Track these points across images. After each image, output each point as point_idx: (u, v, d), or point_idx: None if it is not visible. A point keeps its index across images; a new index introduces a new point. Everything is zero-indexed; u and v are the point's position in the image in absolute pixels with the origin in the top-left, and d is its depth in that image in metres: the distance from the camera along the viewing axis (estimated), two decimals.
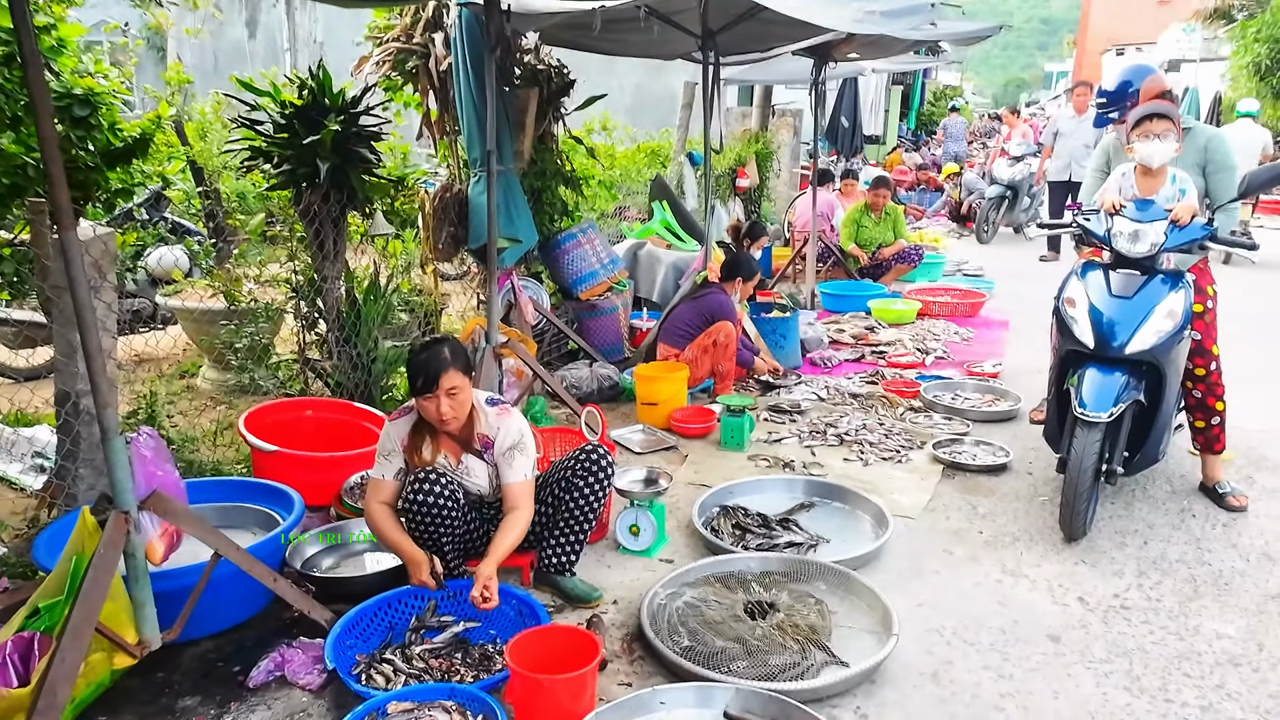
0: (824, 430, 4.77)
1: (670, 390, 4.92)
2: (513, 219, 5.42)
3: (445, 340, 2.86)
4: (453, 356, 2.81)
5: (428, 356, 2.79)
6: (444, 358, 2.78)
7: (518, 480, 2.94)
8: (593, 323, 6.28)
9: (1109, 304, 3.57)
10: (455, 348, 2.85)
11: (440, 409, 2.79)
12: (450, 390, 2.79)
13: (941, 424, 4.92)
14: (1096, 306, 3.58)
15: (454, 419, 2.84)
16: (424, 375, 2.78)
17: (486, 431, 2.96)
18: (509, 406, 3.01)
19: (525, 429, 2.98)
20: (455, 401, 2.81)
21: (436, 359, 2.78)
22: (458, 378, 2.80)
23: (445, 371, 2.77)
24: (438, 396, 2.78)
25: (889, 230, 8.56)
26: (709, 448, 4.66)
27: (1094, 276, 3.69)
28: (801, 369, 6.14)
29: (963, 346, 6.66)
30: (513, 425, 2.95)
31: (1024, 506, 3.93)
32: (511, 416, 2.97)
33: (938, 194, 14.68)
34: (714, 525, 3.65)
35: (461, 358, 2.85)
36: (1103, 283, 3.64)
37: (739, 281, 5.38)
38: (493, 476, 3.01)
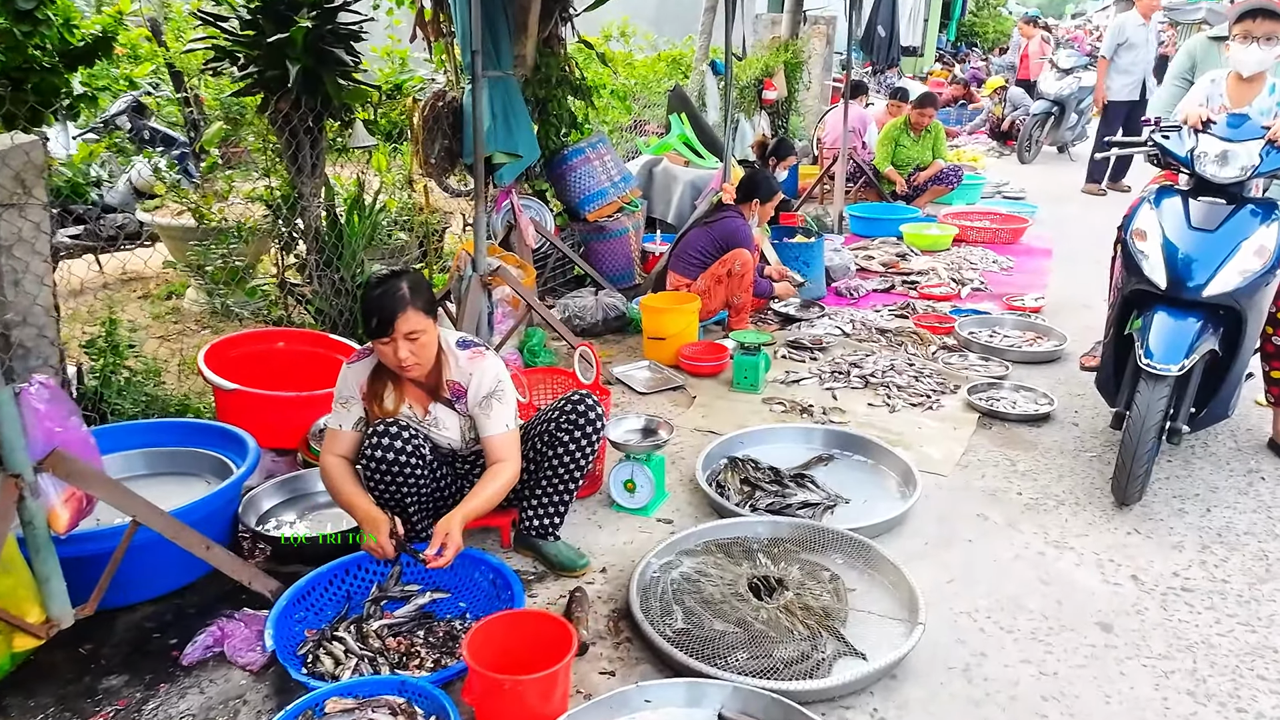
0: (847, 371, 4.34)
1: (679, 324, 4.49)
2: (512, 131, 4.94)
3: (404, 274, 2.45)
4: (412, 294, 2.40)
5: (382, 293, 2.39)
6: (401, 295, 2.38)
7: (499, 432, 2.55)
8: (601, 246, 5.82)
9: (1187, 238, 3.07)
10: (416, 283, 2.44)
11: (399, 354, 2.40)
12: (410, 334, 2.39)
13: (978, 365, 4.47)
14: (1172, 240, 3.09)
15: (416, 365, 2.45)
16: (378, 316, 2.37)
17: (457, 378, 2.56)
18: (484, 348, 2.60)
19: (503, 373, 2.58)
20: (416, 346, 2.41)
21: (392, 297, 2.37)
22: (418, 319, 2.39)
23: (402, 312, 2.37)
24: (394, 341, 2.39)
25: (928, 150, 7.93)
26: (720, 388, 4.25)
27: (1170, 205, 3.18)
28: (826, 299, 5.67)
29: (1002, 277, 6.14)
30: (488, 370, 2.55)
31: (1069, 463, 3.51)
32: (486, 360, 2.57)
33: (976, 112, 13.84)
34: (720, 481, 3.27)
35: (423, 295, 2.44)
36: (1181, 212, 3.13)
37: (756, 204, 4.88)
38: (465, 429, 2.63)
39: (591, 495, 3.24)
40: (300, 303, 4.52)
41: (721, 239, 4.75)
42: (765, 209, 4.93)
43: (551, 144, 5.83)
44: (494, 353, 2.62)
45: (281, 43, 3.89)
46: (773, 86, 9.52)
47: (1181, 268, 3.02)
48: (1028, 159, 11.29)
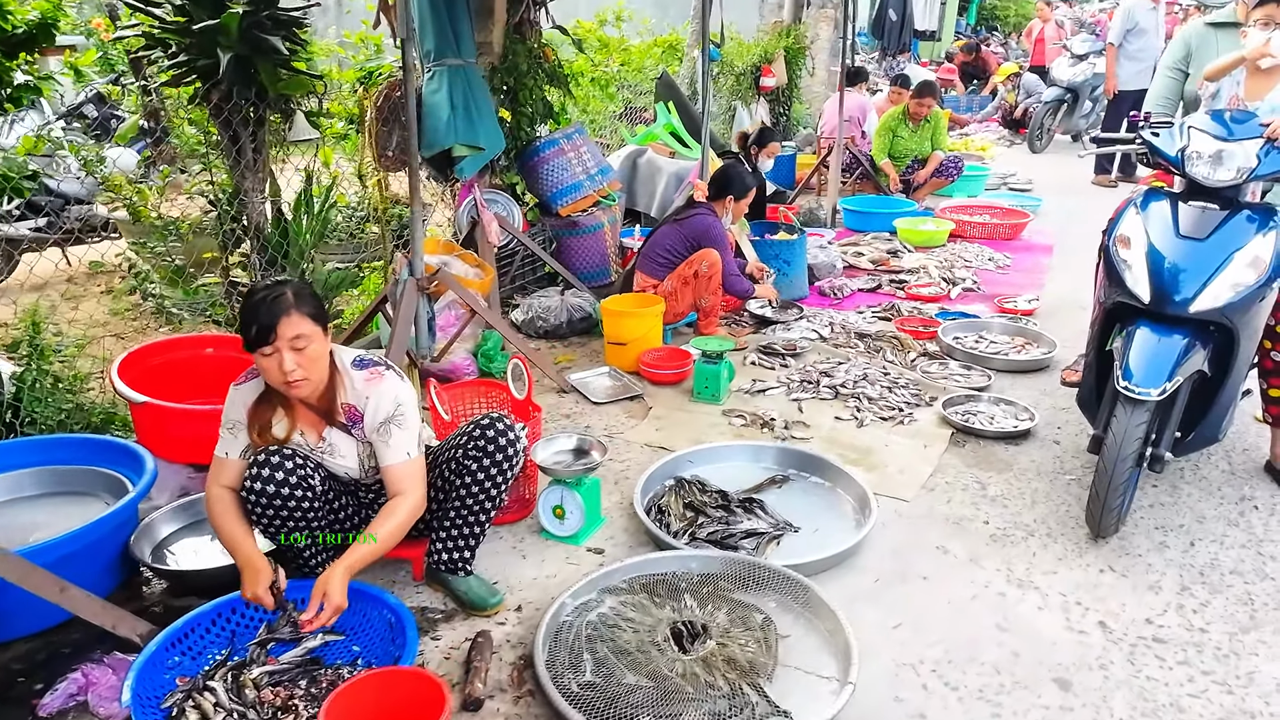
0: (817, 380, 4.07)
1: (641, 328, 4.24)
2: (474, 122, 4.69)
3: (288, 282, 2.23)
4: (297, 299, 2.18)
5: (262, 298, 2.16)
6: (283, 299, 2.16)
7: (398, 461, 2.32)
8: (573, 242, 5.56)
9: (1174, 246, 2.78)
10: (301, 290, 2.22)
11: (283, 365, 2.17)
12: (294, 341, 2.15)
13: (959, 374, 4.20)
14: (1158, 249, 2.80)
15: (302, 379, 2.21)
16: (257, 323, 2.14)
17: (353, 401, 2.33)
18: (383, 368, 2.36)
19: (404, 395, 2.34)
20: (303, 357, 2.18)
21: (274, 301, 2.15)
22: (303, 323, 2.17)
23: (285, 315, 2.14)
24: (278, 350, 2.15)
25: (927, 141, 7.61)
26: (681, 398, 4.00)
27: (1157, 209, 2.89)
28: (807, 300, 5.40)
29: (997, 276, 5.84)
30: (386, 393, 2.32)
31: (1045, 487, 3.24)
32: (385, 381, 2.33)
33: (988, 99, 13.43)
34: (662, 505, 3.03)
35: (309, 302, 2.21)
36: (1168, 218, 2.85)
37: (729, 200, 4.60)
38: (365, 456, 2.40)
39: (522, 520, 3.01)
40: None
41: (691, 238, 4.48)
42: (740, 206, 4.66)
43: (524, 135, 5.59)
44: (396, 372, 2.38)
45: (213, 29, 3.67)
46: (771, 73, 9.21)
47: (1167, 280, 2.74)
48: (1039, 148, 10.91)
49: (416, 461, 2.35)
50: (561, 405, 3.95)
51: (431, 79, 4.66)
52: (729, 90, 9.05)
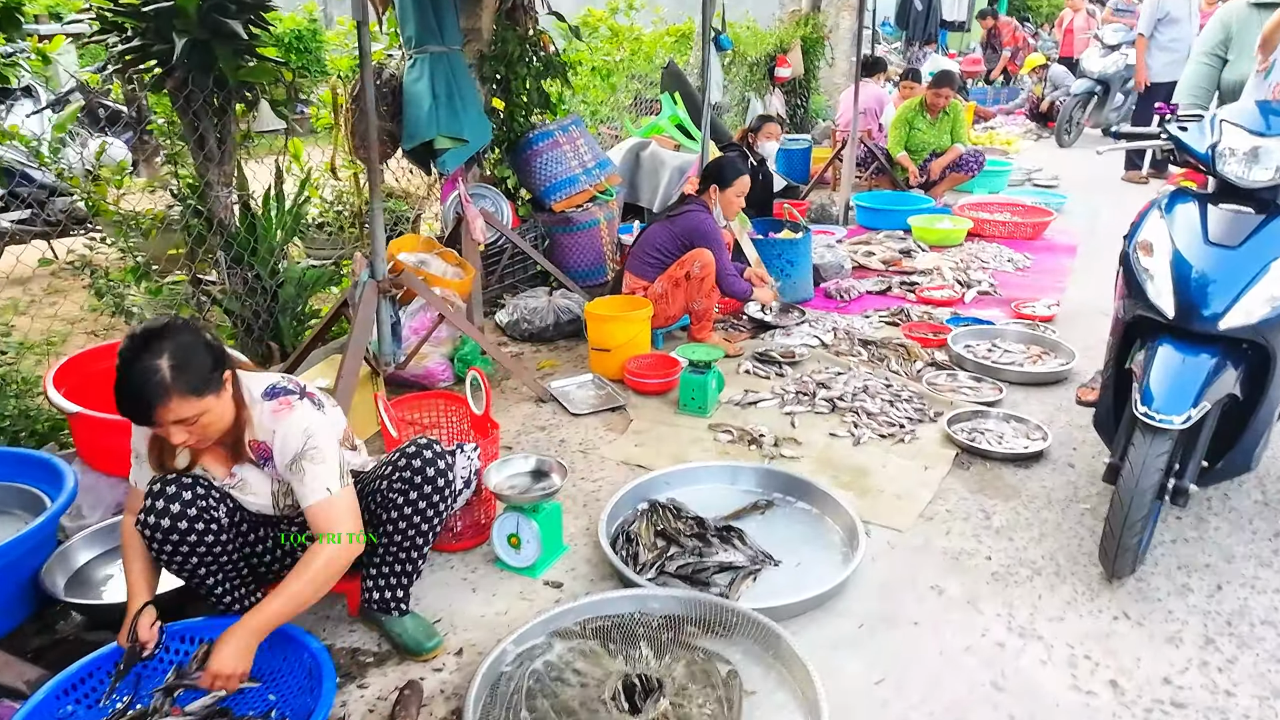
0: (813, 392, 3.79)
1: (626, 333, 3.97)
2: (457, 113, 4.45)
3: (167, 336, 1.87)
4: (175, 374, 1.84)
5: (131, 376, 1.83)
6: (158, 381, 1.82)
7: (317, 499, 2.04)
8: (567, 239, 5.31)
9: (1204, 255, 2.47)
10: (182, 360, 1.86)
11: (172, 439, 1.93)
12: (176, 425, 1.89)
13: (968, 387, 3.89)
14: (1185, 257, 2.49)
15: (201, 441, 1.98)
16: (130, 406, 1.86)
17: (261, 437, 2.07)
18: (294, 398, 2.08)
19: (315, 428, 2.05)
20: (196, 428, 1.92)
21: (146, 383, 1.82)
22: (185, 405, 1.86)
23: (162, 404, 1.84)
24: (163, 427, 1.90)
25: (945, 134, 7.26)
26: (666, 409, 3.73)
27: (1184, 213, 2.58)
28: (811, 302, 5.11)
29: (1015, 278, 5.51)
30: (293, 427, 2.04)
31: (1056, 518, 2.94)
32: (294, 414, 2.05)
33: (1016, 90, 13.00)
34: (631, 531, 2.77)
35: (194, 370, 1.87)
36: (1197, 222, 2.54)
37: (714, 190, 4.31)
38: (279, 493, 2.15)
39: (477, 547, 2.76)
40: (213, 303, 4.10)
41: (683, 236, 4.21)
42: (728, 196, 4.35)
43: (517, 127, 5.34)
44: (309, 402, 2.09)
45: (168, 12, 3.44)
46: (787, 63, 8.90)
47: (1194, 292, 2.43)
48: (1067, 142, 10.50)
49: (340, 498, 2.07)
50: (538, 415, 3.70)
51: (413, 67, 4.42)
52: (742, 81, 8.74)
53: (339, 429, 2.20)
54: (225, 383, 1.98)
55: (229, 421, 2.01)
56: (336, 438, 2.10)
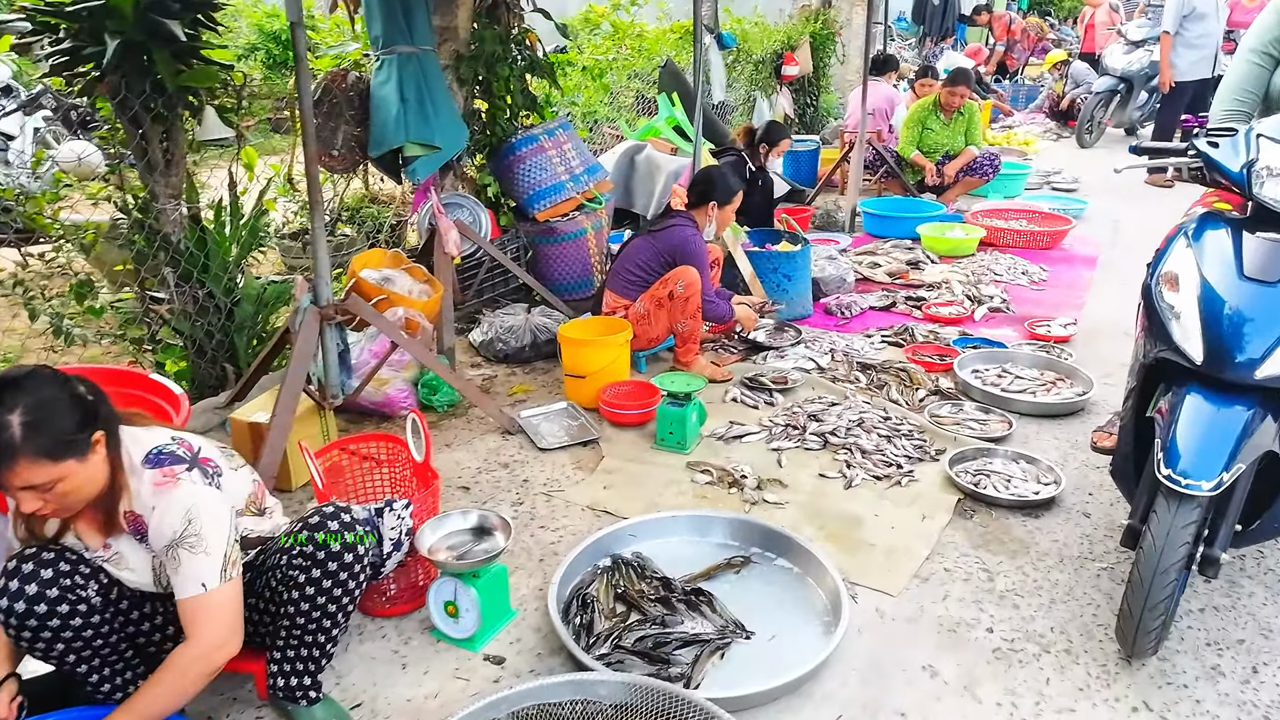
0: (803, 426, 3.47)
1: (603, 359, 3.67)
2: (428, 117, 4.18)
3: (22, 388, 1.62)
4: (26, 434, 1.59)
5: None
6: (5, 441, 1.57)
7: (190, 594, 1.75)
8: (551, 250, 5.02)
9: (1237, 291, 2.14)
10: (40, 409, 1.61)
11: (22, 507, 1.65)
12: (27, 491, 1.63)
13: (974, 419, 3.57)
14: (1216, 292, 2.16)
15: (61, 511, 1.71)
16: None
17: (138, 509, 1.78)
18: (179, 470, 1.77)
19: (200, 508, 1.75)
20: (53, 495, 1.65)
21: None
22: (37, 470, 1.60)
23: (8, 468, 1.58)
24: (13, 493, 1.63)
25: (959, 135, 6.90)
26: (643, 443, 3.43)
27: (1215, 241, 2.25)
28: (810, 319, 4.79)
29: (1030, 293, 5.16)
30: (174, 506, 1.74)
31: (1069, 579, 2.62)
32: (178, 490, 1.75)
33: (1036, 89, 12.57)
34: (587, 595, 2.47)
35: (51, 430, 1.62)
36: (1230, 253, 2.20)
37: (712, 208, 4.01)
38: (160, 570, 1.87)
39: (414, 612, 2.47)
40: (163, 323, 3.84)
41: (667, 252, 3.90)
42: (725, 213, 4.06)
43: (499, 131, 5.05)
44: (200, 473, 1.78)
45: (100, 12, 3.17)
46: (794, 61, 8.55)
47: (1227, 335, 2.10)
48: (1088, 143, 10.09)
49: (214, 596, 1.75)
50: (504, 450, 3.41)
51: (380, 69, 4.15)
52: (747, 79, 8.41)
53: (239, 498, 1.92)
54: (94, 445, 1.70)
55: (97, 489, 1.73)
56: (229, 517, 1.81)
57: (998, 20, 12.16)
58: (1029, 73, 13.51)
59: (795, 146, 8.16)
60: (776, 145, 5.53)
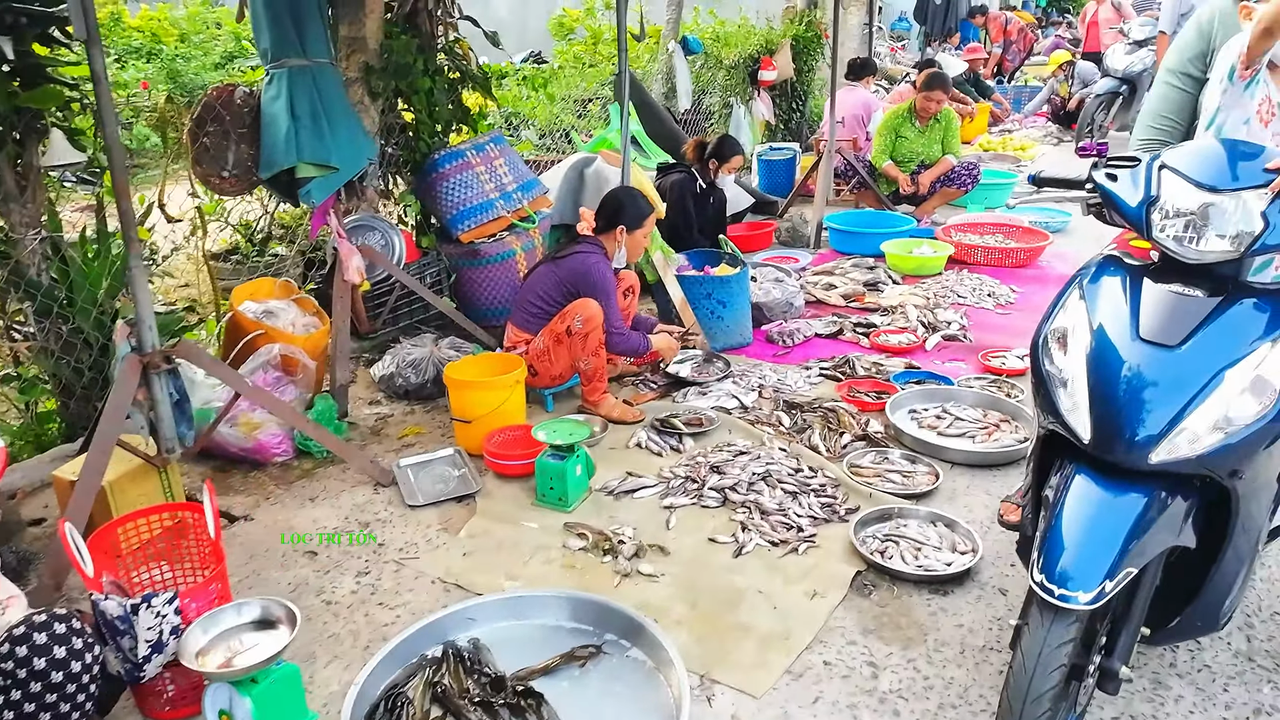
0: (703, 479, 3.13)
1: (491, 401, 3.36)
2: (322, 136, 3.87)
3: None
4: None
5: None
6: None
7: None
8: (475, 274, 4.71)
9: (1133, 355, 1.79)
10: None
11: None
12: None
13: (898, 469, 3.21)
14: (1107, 357, 1.81)
15: None
16: None
17: None
18: None
19: None
20: None
21: None
22: None
23: None
24: None
25: (936, 143, 6.51)
26: (525, 498, 3.11)
27: (1111, 293, 1.90)
28: (750, 348, 4.44)
29: (994, 318, 4.77)
30: None
31: (965, 676, 2.26)
32: None
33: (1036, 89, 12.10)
34: (399, 697, 2.15)
35: None
36: (1126, 309, 1.85)
37: (620, 233, 3.67)
38: None
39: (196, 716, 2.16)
40: (16, 362, 3.58)
41: (568, 282, 3.58)
42: (635, 239, 3.72)
43: (422, 146, 4.76)
44: None
45: None
46: (771, 65, 8.18)
47: (1119, 409, 1.75)
48: None
49: None
50: (370, 505, 3.10)
51: (270, 84, 3.85)
52: (721, 86, 8.06)
53: None
54: None
55: None
56: None
57: (993, 21, 11.67)
58: (1033, 73, 13.02)
59: (770, 155, 7.82)
60: (728, 161, 5.18)
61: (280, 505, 3.12)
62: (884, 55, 11.69)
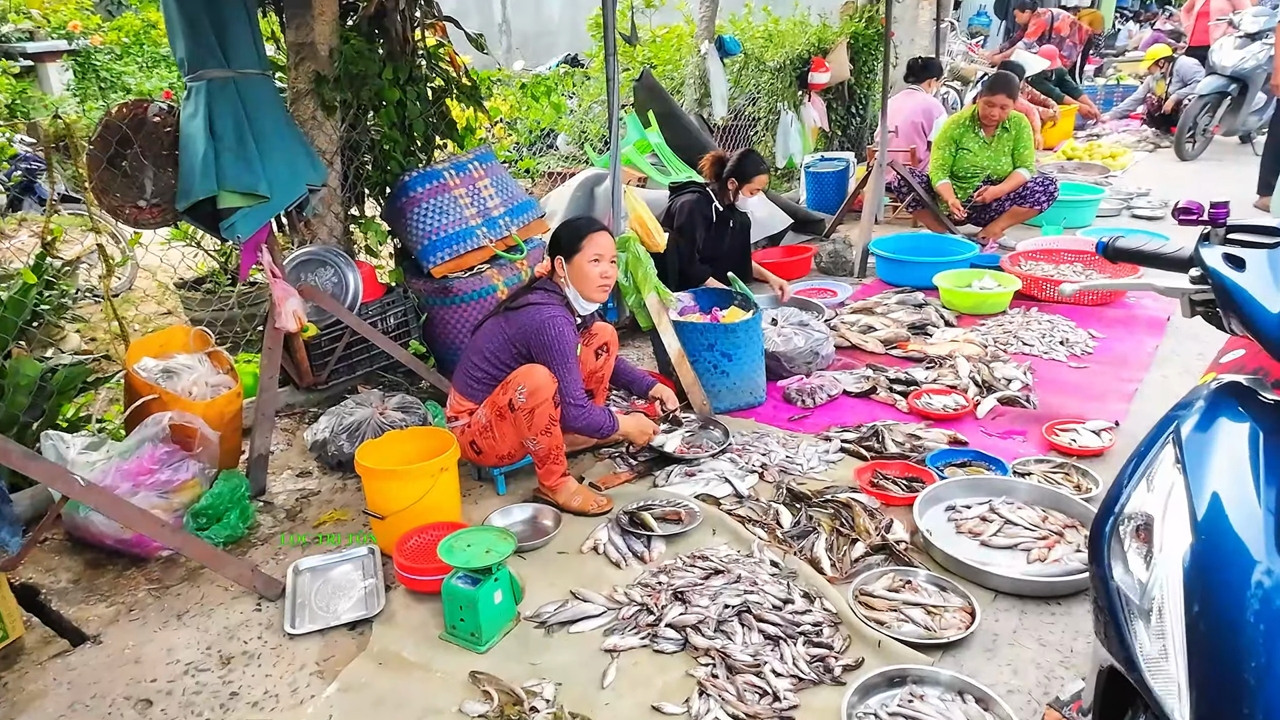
0: (660, 611, 2.41)
1: (409, 493, 2.69)
2: (248, 160, 3.32)
3: None
4: None
5: None
6: None
7: None
8: (447, 315, 4.10)
9: (1274, 568, 1.02)
10: None
11: None
12: None
13: (923, 602, 2.43)
14: (1232, 579, 1.04)
15: None
16: None
17: None
18: None
19: None
20: None
21: None
22: None
23: None
24: None
25: (1004, 155, 5.64)
26: (433, 625, 2.44)
27: (1231, 454, 1.13)
28: (760, 408, 3.70)
29: (1066, 374, 3.91)
30: None
31: None
32: None
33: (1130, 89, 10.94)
34: None
35: None
36: (1254, 487, 1.07)
37: (558, 265, 2.94)
38: None
39: None
40: None
41: (518, 340, 2.90)
42: (580, 267, 2.90)
43: (394, 167, 4.16)
44: None
45: None
46: (824, 66, 7.38)
47: (1249, 695, 0.98)
48: (1190, 154, 8.54)
49: None
50: (241, 632, 2.47)
51: (187, 100, 3.29)
52: (766, 91, 7.29)
53: None
54: None
55: None
56: None
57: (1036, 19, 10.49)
58: (1127, 70, 11.82)
59: (819, 166, 7.04)
60: (749, 181, 4.42)
61: (142, 622, 2.53)
62: (956, 54, 10.67)
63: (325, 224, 4.06)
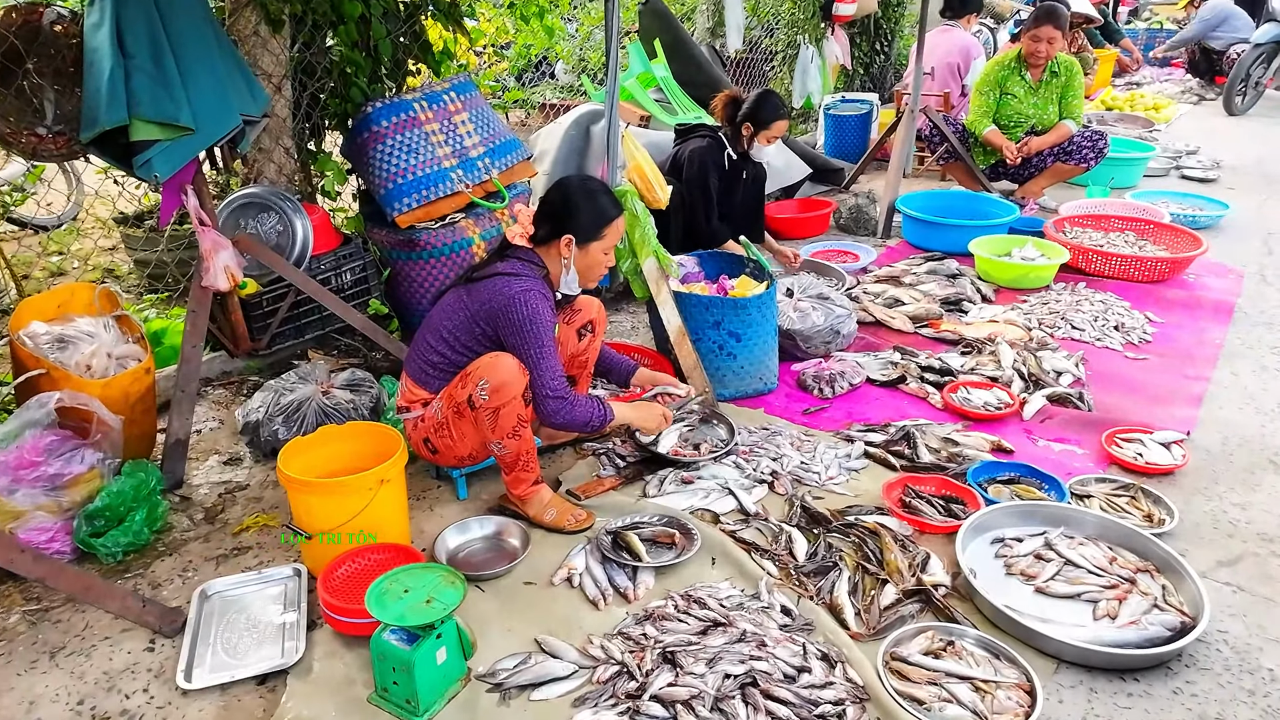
0: (645, 677, 1.93)
1: (343, 510, 2.19)
2: (168, 84, 2.77)
3: None
4: None
5: None
6: None
7: None
8: (413, 271, 3.56)
9: None
10: None
11: None
12: None
13: (970, 672, 1.96)
14: None
15: None
16: None
17: None
18: None
19: None
20: None
21: None
22: None
23: None
24: None
25: (1051, 103, 5.03)
26: (362, 682, 1.97)
27: None
28: (770, 396, 3.20)
29: (1123, 366, 3.40)
30: None
31: None
32: None
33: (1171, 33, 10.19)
34: None
35: None
36: None
37: (566, 245, 2.43)
38: None
39: None
40: None
41: (483, 319, 2.37)
42: (592, 255, 2.46)
43: (354, 96, 3.58)
44: None
45: None
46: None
47: None
48: (1239, 109, 7.90)
49: None
50: (129, 677, 2.00)
51: (91, 6, 2.70)
52: (786, 21, 6.61)
53: None
54: None
55: None
56: None
57: None
58: (1165, 13, 11.06)
59: (840, 109, 6.41)
60: (767, 128, 3.83)
61: (6, 659, 2.06)
62: None
63: (273, 160, 3.51)
